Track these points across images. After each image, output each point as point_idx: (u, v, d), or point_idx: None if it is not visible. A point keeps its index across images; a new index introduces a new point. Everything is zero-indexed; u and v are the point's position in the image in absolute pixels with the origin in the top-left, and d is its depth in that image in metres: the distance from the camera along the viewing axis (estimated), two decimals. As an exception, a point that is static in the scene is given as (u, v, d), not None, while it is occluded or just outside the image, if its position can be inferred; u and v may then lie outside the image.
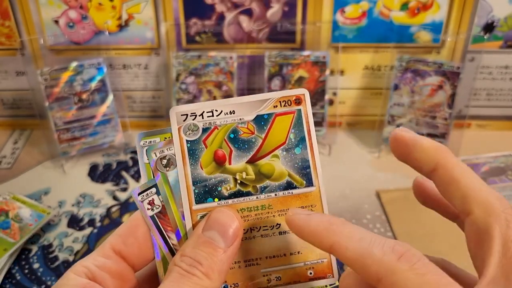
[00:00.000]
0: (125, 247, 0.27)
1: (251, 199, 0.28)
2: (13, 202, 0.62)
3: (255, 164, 0.29)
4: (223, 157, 0.28)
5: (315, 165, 0.29)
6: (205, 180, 0.28)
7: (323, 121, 0.71)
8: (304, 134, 0.29)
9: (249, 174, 0.28)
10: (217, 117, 0.28)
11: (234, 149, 0.28)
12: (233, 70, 0.70)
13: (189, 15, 0.70)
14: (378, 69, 0.73)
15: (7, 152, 0.75)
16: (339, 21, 0.70)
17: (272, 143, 0.29)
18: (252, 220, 0.29)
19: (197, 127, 0.28)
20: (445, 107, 0.67)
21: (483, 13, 0.68)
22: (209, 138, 0.28)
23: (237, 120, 0.28)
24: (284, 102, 0.29)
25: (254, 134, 0.29)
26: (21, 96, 0.78)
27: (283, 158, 0.29)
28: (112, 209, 0.64)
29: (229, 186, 0.28)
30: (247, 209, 0.28)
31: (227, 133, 0.28)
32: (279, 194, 0.29)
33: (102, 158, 0.73)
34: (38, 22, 0.70)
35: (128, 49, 0.73)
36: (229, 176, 0.28)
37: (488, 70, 0.72)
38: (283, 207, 0.29)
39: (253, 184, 0.28)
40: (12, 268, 0.55)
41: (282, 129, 0.29)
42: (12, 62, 0.74)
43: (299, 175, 0.29)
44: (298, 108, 0.29)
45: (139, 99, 0.78)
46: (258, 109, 0.28)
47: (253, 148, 0.28)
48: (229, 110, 0.28)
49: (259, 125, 0.29)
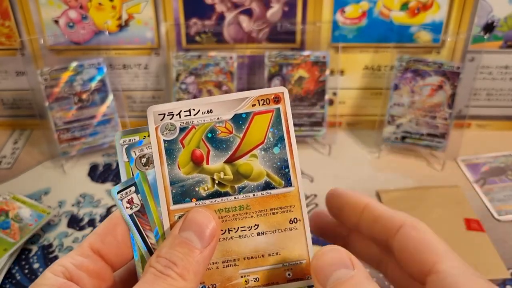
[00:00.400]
0: (104, 246, 0.27)
1: (229, 200, 0.28)
2: (13, 202, 0.62)
3: (233, 164, 0.28)
4: (201, 157, 0.28)
5: (294, 165, 0.29)
6: (183, 181, 0.28)
7: (323, 121, 0.71)
8: (283, 133, 0.28)
9: (227, 174, 0.28)
10: (194, 116, 0.28)
11: (211, 148, 0.28)
12: (233, 70, 0.70)
13: (189, 15, 0.70)
14: (378, 69, 0.73)
15: (7, 152, 0.75)
16: (339, 21, 0.70)
17: (250, 142, 0.28)
18: (230, 221, 0.28)
19: (175, 127, 0.28)
20: (445, 107, 0.67)
21: (483, 13, 0.68)
22: (186, 138, 0.28)
23: (214, 119, 0.28)
24: (263, 101, 0.28)
25: (232, 134, 0.28)
26: (21, 96, 0.78)
27: (262, 157, 0.28)
28: (112, 209, 0.64)
29: (206, 186, 0.28)
30: (225, 209, 0.28)
31: (204, 133, 0.28)
32: (257, 195, 0.28)
33: (102, 158, 0.73)
34: (38, 22, 0.70)
35: (128, 49, 0.73)
36: (207, 176, 0.28)
37: (488, 70, 0.72)
38: (261, 207, 0.28)
39: (231, 184, 0.28)
40: (12, 268, 0.55)
41: (261, 128, 0.28)
42: (12, 62, 0.74)
43: (278, 175, 0.29)
44: (277, 107, 0.28)
45: (139, 99, 0.78)
46: (236, 108, 0.28)
47: (231, 148, 0.28)
48: (206, 109, 0.28)
49: (237, 124, 0.28)
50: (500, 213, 0.61)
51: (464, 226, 0.59)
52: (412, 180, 0.67)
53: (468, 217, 0.60)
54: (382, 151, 0.72)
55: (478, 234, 0.58)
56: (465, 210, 0.61)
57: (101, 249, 0.27)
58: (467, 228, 0.59)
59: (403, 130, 0.70)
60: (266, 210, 0.28)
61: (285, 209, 0.29)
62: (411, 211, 0.61)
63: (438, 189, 0.65)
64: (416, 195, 0.64)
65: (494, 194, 0.64)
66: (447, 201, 0.63)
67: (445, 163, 0.69)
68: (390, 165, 0.70)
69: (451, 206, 0.62)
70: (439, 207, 0.62)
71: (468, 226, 0.59)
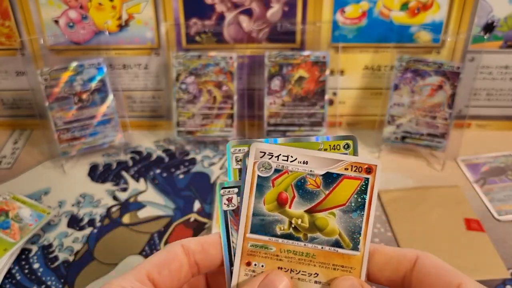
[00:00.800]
0: (159, 277, 0.29)
1: (299, 244, 0.31)
2: (13, 202, 0.62)
3: (312, 215, 0.31)
4: (286, 200, 0.31)
5: (366, 233, 0.30)
6: (264, 215, 0.31)
7: (323, 121, 0.71)
8: (365, 202, 0.30)
9: (304, 222, 0.31)
10: (290, 162, 0.30)
11: (297, 195, 0.30)
12: (233, 70, 0.70)
13: (189, 15, 0.70)
14: (378, 69, 0.73)
15: (7, 152, 0.75)
16: (339, 21, 0.70)
17: (333, 201, 0.30)
18: (295, 263, 0.31)
19: (271, 166, 0.31)
20: (445, 107, 0.67)
21: (483, 13, 0.68)
22: (278, 179, 0.31)
23: (307, 171, 0.30)
24: (355, 168, 0.30)
25: (319, 188, 0.30)
26: (21, 96, 0.78)
27: (339, 218, 0.30)
28: (112, 209, 0.64)
29: (283, 227, 0.31)
30: (293, 251, 0.31)
31: (295, 180, 0.30)
32: (325, 248, 0.30)
33: (102, 158, 0.73)
34: (38, 22, 0.70)
35: (128, 49, 0.73)
36: (286, 219, 0.31)
37: (488, 70, 0.72)
38: (325, 260, 0.30)
39: (305, 232, 0.31)
40: (12, 268, 0.55)
41: (346, 192, 0.30)
42: (12, 62, 0.74)
43: (349, 237, 0.31)
44: (367, 177, 0.30)
45: (139, 99, 0.78)
46: (329, 167, 0.30)
47: (314, 200, 0.30)
48: (303, 160, 0.30)
49: (326, 181, 0.30)
50: (500, 213, 0.61)
51: (464, 226, 0.59)
52: (412, 180, 0.67)
53: (468, 217, 0.60)
54: (382, 151, 0.72)
55: (478, 234, 0.58)
56: (465, 210, 0.61)
57: (156, 280, 0.29)
58: (467, 228, 0.59)
59: (403, 130, 0.70)
60: (329, 264, 0.30)
61: (345, 268, 0.30)
62: (411, 211, 0.61)
63: (438, 189, 0.65)
64: (416, 195, 0.64)
65: (494, 194, 0.64)
66: (447, 201, 0.63)
67: (445, 163, 0.69)
68: (390, 165, 0.70)
69: (451, 206, 0.62)
70: (439, 207, 0.62)
71: (468, 226, 0.59)
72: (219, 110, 0.72)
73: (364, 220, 0.30)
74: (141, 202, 0.65)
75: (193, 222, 0.61)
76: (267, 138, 0.43)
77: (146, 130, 0.80)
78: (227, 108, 0.71)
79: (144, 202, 0.65)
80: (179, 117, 0.72)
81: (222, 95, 0.71)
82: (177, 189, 0.67)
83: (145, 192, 0.67)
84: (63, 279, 0.54)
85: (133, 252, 0.57)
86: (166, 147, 0.75)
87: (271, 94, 0.71)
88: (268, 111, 0.71)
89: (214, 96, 0.71)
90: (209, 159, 0.72)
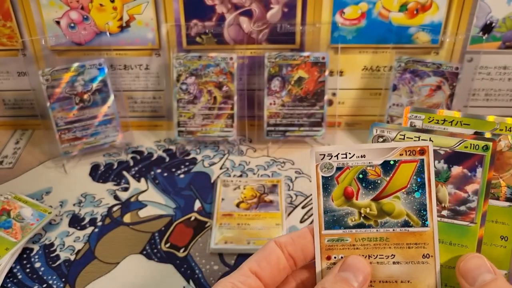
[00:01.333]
0: (260, 269, 0.33)
1: (371, 231, 0.33)
2: (14, 202, 0.62)
3: (378, 202, 0.33)
4: (352, 193, 0.33)
5: (431, 209, 0.33)
6: (334, 211, 0.33)
7: (322, 121, 0.72)
8: (425, 181, 0.33)
9: (372, 210, 0.33)
10: (349, 159, 0.33)
11: (361, 187, 0.33)
12: (233, 71, 0.71)
13: (189, 16, 0.70)
14: (377, 70, 0.74)
15: (8, 152, 0.76)
16: (339, 22, 0.70)
17: (395, 185, 0.33)
18: (371, 249, 0.33)
19: (332, 166, 0.33)
20: (443, 107, 0.68)
21: (482, 14, 0.68)
22: (341, 176, 0.33)
23: (366, 163, 0.33)
24: (409, 152, 0.33)
25: (380, 176, 0.33)
26: (23, 96, 0.78)
27: (403, 199, 0.33)
28: (113, 208, 0.64)
29: (354, 218, 0.33)
30: (367, 238, 0.33)
31: (356, 173, 0.33)
32: (396, 230, 0.33)
33: (103, 158, 0.73)
34: (39, 23, 0.71)
35: (129, 50, 0.73)
36: (355, 210, 0.33)
37: (487, 70, 0.73)
38: (399, 241, 0.33)
39: (374, 218, 0.33)
40: (13, 267, 0.56)
41: (405, 175, 0.33)
42: (13, 62, 0.75)
43: (416, 216, 0.33)
44: (421, 158, 0.32)
45: (140, 99, 0.78)
46: (385, 156, 0.33)
47: (378, 188, 0.33)
48: (360, 154, 0.33)
49: (385, 169, 0.33)
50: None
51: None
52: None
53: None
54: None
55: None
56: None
57: (258, 271, 0.33)
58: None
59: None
60: (403, 244, 0.33)
61: (419, 245, 0.33)
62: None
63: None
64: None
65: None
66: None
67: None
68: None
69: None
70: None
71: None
72: (220, 111, 0.72)
73: (427, 197, 0.32)
74: (142, 202, 0.65)
75: (194, 221, 0.62)
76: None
77: (147, 130, 0.80)
78: (227, 108, 0.72)
79: (145, 201, 0.65)
80: (180, 117, 0.72)
81: (222, 96, 0.71)
82: (178, 188, 0.67)
83: (146, 191, 0.67)
84: (64, 278, 0.55)
85: (134, 251, 0.58)
86: (166, 147, 0.76)
87: (271, 95, 0.71)
88: (268, 111, 0.72)
89: (214, 96, 0.72)
90: (209, 159, 0.73)
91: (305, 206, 0.64)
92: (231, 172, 0.70)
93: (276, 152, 0.74)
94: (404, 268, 0.33)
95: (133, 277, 0.54)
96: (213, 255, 0.57)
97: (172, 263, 0.56)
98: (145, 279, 0.54)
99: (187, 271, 0.55)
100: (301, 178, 0.69)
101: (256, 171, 0.70)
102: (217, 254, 0.57)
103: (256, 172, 0.70)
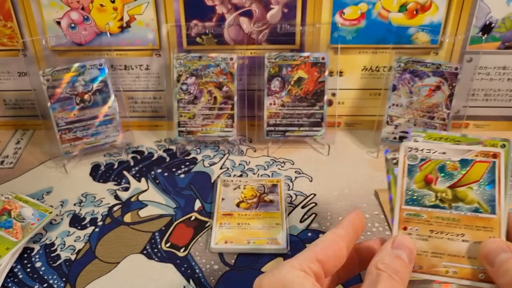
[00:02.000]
0: (326, 258, 0.36)
1: (445, 212, 0.38)
2: (15, 202, 0.62)
3: (453, 190, 0.39)
4: (431, 179, 0.39)
5: (500, 200, 0.38)
6: (415, 191, 0.39)
7: (322, 121, 0.72)
8: (495, 179, 0.38)
9: (448, 195, 0.39)
10: (432, 153, 0.39)
11: (440, 176, 0.39)
12: (234, 71, 0.71)
13: (190, 17, 0.71)
14: (377, 70, 0.74)
15: (9, 152, 0.76)
16: (338, 23, 0.70)
17: (469, 178, 0.38)
18: (444, 226, 0.38)
19: (417, 157, 0.39)
20: (443, 107, 0.68)
21: (481, 14, 0.68)
22: (424, 165, 0.39)
23: (446, 159, 0.39)
24: (484, 154, 0.39)
25: (457, 170, 0.39)
26: (24, 97, 0.78)
27: (476, 190, 0.38)
28: (114, 208, 0.64)
29: (431, 199, 0.39)
30: (441, 217, 0.38)
31: (437, 165, 0.39)
32: (467, 213, 0.38)
33: (104, 158, 0.74)
34: (40, 23, 0.71)
35: (130, 50, 0.74)
36: (432, 193, 0.39)
37: (486, 70, 0.73)
38: (469, 223, 0.38)
39: (449, 202, 0.38)
40: (14, 267, 0.56)
41: (479, 171, 0.38)
42: (14, 62, 0.75)
43: (486, 204, 0.38)
44: (494, 161, 0.38)
45: (141, 99, 0.78)
46: (463, 155, 0.39)
47: (454, 179, 0.39)
48: (442, 151, 0.39)
49: (462, 165, 0.39)
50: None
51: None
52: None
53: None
54: (380, 151, 0.73)
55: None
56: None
57: (324, 260, 0.35)
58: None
59: (401, 130, 0.71)
60: (472, 226, 0.38)
61: (487, 228, 0.38)
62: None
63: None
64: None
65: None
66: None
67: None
68: (389, 165, 0.70)
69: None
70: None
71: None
72: (220, 111, 0.72)
73: (496, 191, 0.38)
74: (143, 201, 0.65)
75: (194, 220, 0.62)
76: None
77: (148, 130, 0.80)
78: (227, 108, 0.72)
79: (145, 201, 0.65)
80: (180, 117, 0.73)
81: (222, 96, 0.72)
82: (178, 188, 0.67)
83: (146, 191, 0.67)
84: (64, 277, 0.55)
85: (134, 251, 0.58)
86: (167, 147, 0.76)
87: (271, 95, 0.71)
88: (268, 111, 0.72)
89: (214, 96, 0.72)
90: (209, 158, 0.73)
91: (305, 206, 0.64)
92: (231, 172, 0.70)
93: (276, 152, 0.74)
94: (472, 246, 0.37)
95: (134, 276, 0.54)
96: (213, 254, 0.57)
97: (172, 263, 0.56)
98: (145, 279, 0.54)
99: (187, 270, 0.55)
100: (301, 178, 0.69)
101: (256, 171, 0.70)
102: (217, 253, 0.57)
103: (256, 172, 0.70)
